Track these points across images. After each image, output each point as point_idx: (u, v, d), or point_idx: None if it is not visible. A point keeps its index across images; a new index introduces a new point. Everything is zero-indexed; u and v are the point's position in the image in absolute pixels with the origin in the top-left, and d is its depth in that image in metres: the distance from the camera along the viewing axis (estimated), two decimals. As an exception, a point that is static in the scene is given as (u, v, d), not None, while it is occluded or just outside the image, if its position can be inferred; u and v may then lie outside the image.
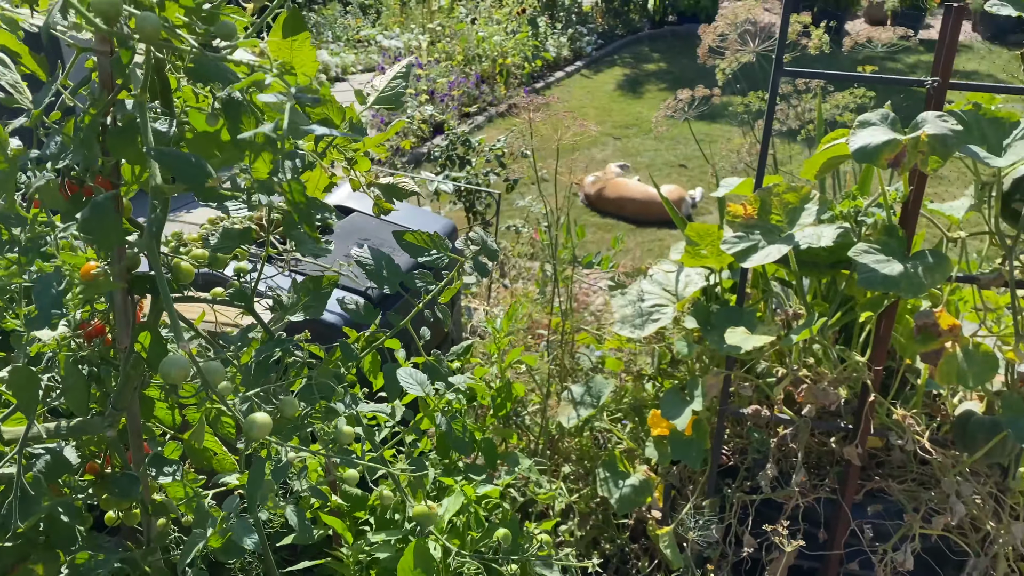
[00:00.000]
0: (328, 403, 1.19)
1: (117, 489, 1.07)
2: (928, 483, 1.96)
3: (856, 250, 1.70)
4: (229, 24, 0.88)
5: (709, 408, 2.12)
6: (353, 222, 2.60)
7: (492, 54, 8.49)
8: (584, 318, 2.86)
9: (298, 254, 1.38)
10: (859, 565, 1.94)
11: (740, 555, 1.98)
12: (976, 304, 1.93)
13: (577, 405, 2.18)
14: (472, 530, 1.66)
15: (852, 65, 6.64)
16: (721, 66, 3.05)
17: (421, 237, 1.40)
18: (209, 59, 0.82)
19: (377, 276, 1.31)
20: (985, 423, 1.76)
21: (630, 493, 2.07)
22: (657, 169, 6.46)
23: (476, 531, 1.66)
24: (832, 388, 1.86)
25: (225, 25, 0.87)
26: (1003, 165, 1.59)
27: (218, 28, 0.86)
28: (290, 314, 1.19)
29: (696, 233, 2.00)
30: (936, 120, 1.57)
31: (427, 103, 6.75)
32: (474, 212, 4.21)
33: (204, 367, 0.84)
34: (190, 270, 1.08)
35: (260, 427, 0.89)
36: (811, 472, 2.03)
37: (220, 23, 0.86)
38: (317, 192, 1.33)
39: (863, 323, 2.04)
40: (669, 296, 2.13)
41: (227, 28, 0.87)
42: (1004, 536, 1.86)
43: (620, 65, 10.15)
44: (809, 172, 1.81)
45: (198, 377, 0.85)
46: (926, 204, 1.90)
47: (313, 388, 1.16)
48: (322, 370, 1.21)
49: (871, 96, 2.69)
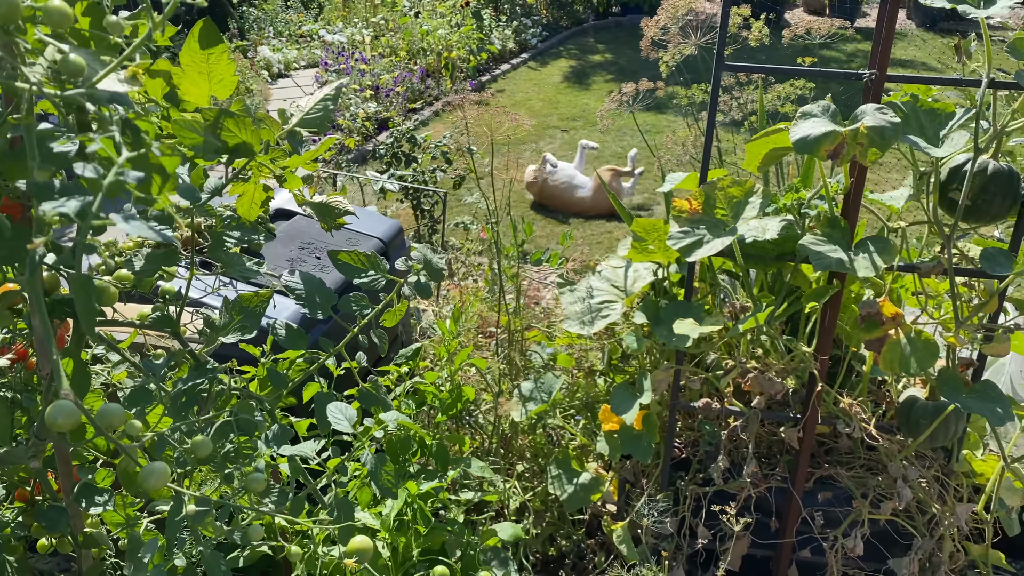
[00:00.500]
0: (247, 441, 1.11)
1: (45, 521, 1.01)
2: (875, 468, 1.99)
3: (804, 241, 1.71)
4: (73, 63, 0.78)
5: (660, 402, 2.12)
6: (296, 226, 2.54)
7: (437, 48, 8.41)
8: (535, 315, 2.85)
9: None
10: (811, 552, 1.96)
11: (695, 547, 1.99)
12: (917, 291, 1.97)
13: (527, 400, 2.17)
14: (419, 525, 1.64)
15: (793, 55, 6.74)
16: (664, 59, 3.05)
17: (357, 257, 1.34)
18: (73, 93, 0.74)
19: (308, 302, 1.25)
20: (928, 408, 1.79)
21: (579, 491, 2.07)
22: (605, 161, 6.48)
23: (422, 526, 1.65)
24: (779, 378, 1.88)
25: (69, 63, 0.77)
26: (941, 155, 1.62)
27: (63, 65, 0.76)
28: (222, 335, 1.14)
29: (643, 228, 2.00)
30: (875, 112, 1.59)
31: (371, 99, 6.66)
32: (421, 210, 4.16)
33: (100, 412, 0.79)
34: (114, 293, 1.02)
35: (158, 477, 0.84)
36: (762, 462, 2.05)
37: (64, 60, 0.76)
38: (254, 207, 1.28)
39: (809, 314, 2.06)
40: (618, 292, 2.12)
41: (72, 66, 0.77)
42: (949, 517, 1.90)
43: (566, 57, 10.15)
44: (751, 164, 1.81)
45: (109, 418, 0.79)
46: (867, 195, 1.93)
47: (232, 425, 1.09)
48: (242, 405, 1.14)
49: (811, 87, 2.72)
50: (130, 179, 0.68)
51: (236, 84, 0.97)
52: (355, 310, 1.28)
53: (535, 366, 2.52)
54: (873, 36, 1.68)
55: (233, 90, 0.97)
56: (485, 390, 2.51)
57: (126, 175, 0.67)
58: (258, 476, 1.06)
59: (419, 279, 1.34)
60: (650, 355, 2.27)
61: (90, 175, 0.68)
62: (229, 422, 1.08)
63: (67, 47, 0.75)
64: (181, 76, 0.94)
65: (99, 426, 0.79)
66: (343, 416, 1.33)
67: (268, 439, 1.14)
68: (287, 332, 1.24)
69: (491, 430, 2.42)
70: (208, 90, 0.96)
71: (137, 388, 1.02)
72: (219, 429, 1.07)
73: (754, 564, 2.04)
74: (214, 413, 1.10)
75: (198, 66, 0.93)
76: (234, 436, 1.09)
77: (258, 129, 0.96)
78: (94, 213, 0.66)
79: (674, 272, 2.19)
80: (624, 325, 2.31)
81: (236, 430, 1.08)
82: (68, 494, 1.05)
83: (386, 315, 1.35)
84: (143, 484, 0.83)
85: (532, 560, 2.14)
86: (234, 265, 1.07)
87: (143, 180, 0.68)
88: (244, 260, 1.08)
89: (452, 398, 2.02)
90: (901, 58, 9.33)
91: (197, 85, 0.95)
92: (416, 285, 1.34)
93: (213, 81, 0.95)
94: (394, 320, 1.37)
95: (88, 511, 1.02)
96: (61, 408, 0.73)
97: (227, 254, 1.06)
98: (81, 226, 0.70)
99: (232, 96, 0.98)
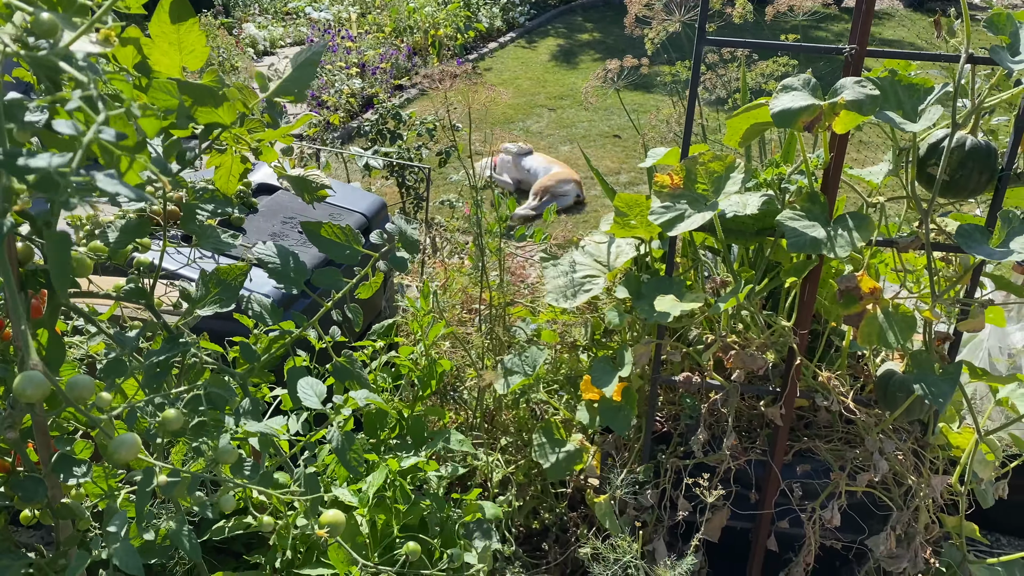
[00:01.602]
0: (218, 414, 1.11)
1: (21, 492, 1.02)
2: (853, 442, 2.02)
3: (782, 217, 1.72)
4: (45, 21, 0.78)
5: (642, 376, 2.14)
6: (279, 200, 2.53)
7: (424, 25, 8.35)
8: (520, 291, 2.85)
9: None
10: (789, 523, 1.99)
11: (675, 519, 2.01)
12: (896, 266, 1.98)
13: (511, 374, 2.18)
14: (399, 503, 1.66)
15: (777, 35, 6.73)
16: (649, 36, 3.04)
17: (333, 230, 1.33)
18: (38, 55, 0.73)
19: (282, 275, 1.24)
20: (905, 382, 1.81)
21: (563, 459, 2.09)
22: (592, 140, 6.47)
23: (403, 504, 1.66)
24: (759, 353, 1.89)
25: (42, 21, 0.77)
26: (918, 130, 1.63)
27: (36, 24, 0.76)
28: (199, 308, 1.13)
29: (625, 203, 2.00)
30: (854, 86, 1.60)
31: (357, 76, 6.61)
32: (406, 187, 4.15)
33: (70, 383, 0.79)
34: (88, 264, 1.02)
35: (128, 448, 0.84)
36: (742, 435, 2.07)
37: (37, 19, 0.76)
38: (232, 180, 1.27)
39: (789, 288, 2.07)
40: (600, 267, 2.13)
41: (44, 25, 0.77)
42: (925, 489, 1.94)
43: (554, 36, 10.09)
44: (732, 139, 1.82)
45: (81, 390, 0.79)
46: (847, 170, 1.94)
47: (202, 399, 1.09)
48: (214, 378, 1.14)
49: (794, 64, 2.73)
50: (109, 137, 0.67)
51: (208, 55, 0.96)
52: (328, 284, 1.27)
53: (519, 341, 2.53)
54: (853, 11, 1.68)
55: (205, 61, 0.96)
56: (469, 366, 2.52)
57: (105, 132, 0.67)
58: (229, 449, 1.06)
59: (395, 252, 1.34)
60: (632, 330, 2.28)
61: (68, 131, 0.68)
62: (199, 395, 1.08)
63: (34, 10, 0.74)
64: (151, 46, 0.93)
65: (68, 398, 0.79)
66: (312, 392, 1.33)
67: (238, 414, 1.14)
68: (260, 307, 1.24)
69: (474, 405, 2.44)
70: (179, 61, 0.95)
71: (112, 360, 1.02)
72: (190, 402, 1.07)
73: (733, 536, 2.07)
74: (186, 386, 1.10)
75: (168, 36, 0.92)
76: (206, 408, 1.10)
77: (231, 102, 0.95)
78: (73, 169, 0.66)
79: (656, 248, 2.20)
80: (607, 300, 2.33)
81: (207, 403, 1.08)
82: (46, 465, 1.06)
83: (361, 288, 1.34)
84: (113, 456, 0.83)
85: (515, 533, 2.17)
86: (207, 237, 1.06)
87: (123, 137, 0.67)
88: (218, 232, 1.08)
89: (427, 373, 2.03)
90: (888, 38, 9.33)
91: (168, 56, 0.94)
92: (392, 258, 1.33)
93: (184, 52, 0.94)
94: (368, 292, 1.36)
95: (66, 482, 1.02)
96: (30, 379, 0.73)
97: (201, 226, 1.05)
98: (61, 183, 0.69)
99: (204, 67, 0.97)
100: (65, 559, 1.05)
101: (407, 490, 1.68)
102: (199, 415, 1.09)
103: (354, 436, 1.41)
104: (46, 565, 1.05)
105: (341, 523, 1.20)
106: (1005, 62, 1.57)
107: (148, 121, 0.79)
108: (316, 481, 1.26)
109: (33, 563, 1.04)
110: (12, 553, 1.02)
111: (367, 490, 1.60)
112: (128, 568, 0.92)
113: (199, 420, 1.09)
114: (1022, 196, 1.88)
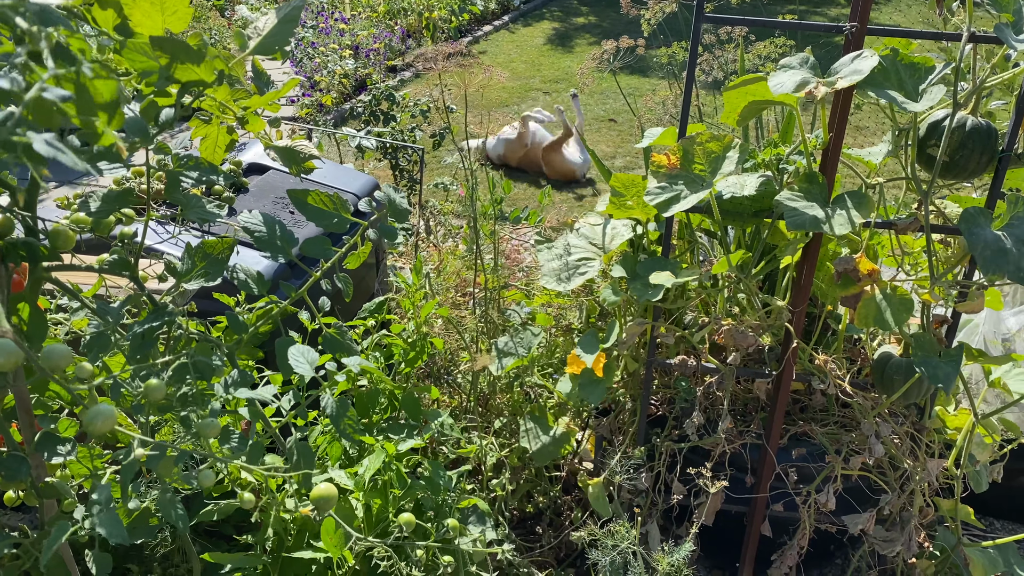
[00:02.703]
0: (205, 385, 1.09)
1: (3, 471, 0.99)
2: (849, 425, 2.01)
3: (780, 197, 1.70)
4: None
5: (637, 359, 2.12)
6: (270, 180, 2.49)
7: (417, 7, 8.27)
8: (515, 274, 2.83)
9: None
10: (784, 507, 1.98)
11: (669, 502, 2.00)
12: (893, 248, 1.97)
13: (505, 355, 2.15)
14: (394, 487, 1.64)
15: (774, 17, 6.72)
16: (646, 16, 3.01)
17: (322, 198, 1.30)
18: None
19: (267, 245, 1.20)
20: (902, 365, 1.80)
21: (550, 444, 2.07)
22: (588, 124, 6.43)
23: (399, 488, 1.64)
24: (754, 334, 1.88)
25: None
26: (919, 109, 1.61)
27: None
28: (184, 281, 1.10)
29: (622, 184, 1.98)
30: (851, 63, 1.58)
31: (350, 58, 6.54)
32: (400, 169, 4.11)
33: (45, 351, 0.76)
34: (71, 236, 0.99)
35: (105, 419, 0.81)
36: (737, 419, 2.06)
37: None
38: (218, 151, 1.24)
39: (785, 270, 2.06)
40: (596, 249, 2.11)
41: None
42: (920, 473, 1.93)
43: (549, 19, 10.02)
44: (730, 117, 1.79)
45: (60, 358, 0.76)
46: (845, 151, 1.91)
47: (189, 367, 1.06)
48: (200, 348, 1.11)
49: (791, 44, 2.70)
50: (54, 96, 0.64)
51: (191, 16, 0.93)
52: (315, 253, 1.23)
53: (513, 324, 2.51)
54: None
55: (188, 22, 0.93)
56: (463, 349, 2.50)
57: (50, 91, 0.63)
58: (211, 422, 1.03)
59: (385, 223, 1.31)
60: (628, 312, 2.26)
61: (4, 85, 0.63)
62: (186, 364, 1.05)
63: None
64: (132, 7, 0.90)
65: (43, 368, 0.76)
66: (304, 359, 1.28)
67: (227, 384, 1.12)
68: (247, 276, 1.20)
69: (468, 388, 2.42)
70: (162, 22, 0.92)
71: (96, 334, 1.00)
72: (176, 372, 1.05)
73: (728, 519, 2.06)
74: (171, 357, 1.07)
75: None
76: (192, 380, 1.07)
77: (210, 60, 0.92)
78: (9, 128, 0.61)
79: (652, 230, 2.18)
80: (602, 282, 2.30)
81: (193, 373, 1.06)
82: (29, 444, 1.03)
83: (350, 258, 1.31)
84: (88, 427, 0.81)
85: (509, 516, 2.15)
86: (192, 207, 1.03)
87: (68, 99, 0.64)
88: (204, 201, 1.05)
89: (416, 349, 2.00)
90: (884, 23, 9.29)
91: (149, 16, 0.91)
92: (381, 227, 1.30)
93: (167, 13, 0.91)
94: (357, 262, 1.33)
95: (50, 461, 1.00)
96: (1, 347, 0.70)
97: (185, 196, 1.02)
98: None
99: (187, 30, 0.94)
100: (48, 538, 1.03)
101: (403, 474, 1.66)
102: (186, 384, 1.06)
103: (348, 402, 1.39)
104: (31, 545, 1.03)
105: (333, 497, 1.17)
106: (1010, 40, 1.54)
107: (104, 83, 0.75)
108: (309, 449, 1.23)
109: (19, 543, 1.02)
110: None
111: (363, 474, 1.58)
112: (112, 536, 0.89)
113: (184, 391, 1.06)
114: (1021, 176, 1.86)
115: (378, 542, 1.34)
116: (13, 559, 1.13)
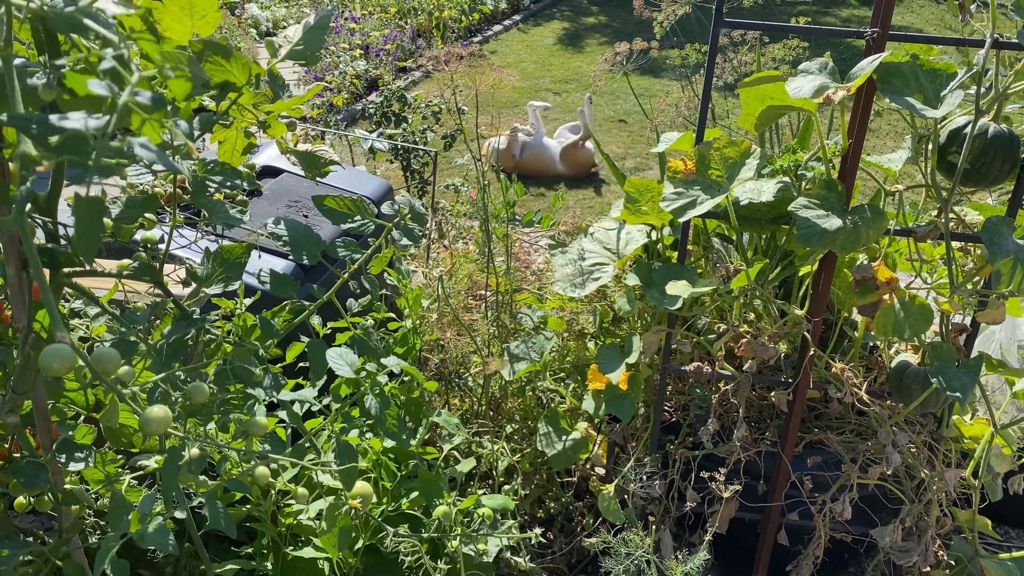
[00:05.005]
0: (245, 388, 1.09)
1: (23, 478, 0.99)
2: (865, 434, 1.99)
3: (795, 205, 1.68)
4: None
5: (651, 366, 2.10)
6: (283, 183, 2.49)
7: (428, 7, 8.27)
8: (526, 277, 2.82)
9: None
10: (799, 516, 1.97)
11: (682, 510, 1.99)
12: (911, 255, 1.95)
13: (517, 360, 2.15)
14: (385, 481, 1.66)
15: (786, 19, 6.68)
16: (659, 18, 2.99)
17: (344, 203, 1.30)
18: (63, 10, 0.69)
19: (296, 247, 1.20)
20: (920, 374, 1.78)
21: (569, 448, 2.06)
22: (598, 125, 6.41)
23: (388, 482, 1.66)
24: (770, 342, 1.86)
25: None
26: (938, 116, 1.59)
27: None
28: (205, 286, 1.10)
29: (636, 189, 1.97)
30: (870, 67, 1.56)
31: (361, 58, 6.54)
32: (411, 171, 4.10)
33: (95, 355, 0.76)
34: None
35: (157, 422, 0.82)
36: (752, 426, 2.05)
37: None
38: (236, 154, 1.23)
39: (802, 278, 2.04)
40: (610, 254, 2.10)
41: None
42: (937, 483, 1.91)
43: (559, 18, 10.01)
44: (747, 122, 1.78)
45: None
46: (864, 157, 1.90)
47: (228, 372, 1.07)
48: (238, 352, 1.11)
49: (804, 46, 2.69)
50: (145, 99, 0.64)
51: (220, 20, 0.92)
52: (344, 255, 1.23)
53: (525, 328, 2.50)
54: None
55: (216, 27, 0.93)
56: (475, 352, 2.50)
57: (141, 95, 0.63)
58: (259, 421, 1.06)
59: (406, 224, 1.31)
60: (641, 319, 2.25)
61: (103, 91, 0.64)
62: (226, 369, 1.06)
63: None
64: (162, 11, 0.89)
65: (95, 370, 0.76)
66: (344, 361, 1.31)
67: (262, 388, 1.12)
68: (273, 278, 1.20)
69: (480, 392, 2.41)
70: (191, 27, 0.92)
71: (121, 340, 0.99)
72: (217, 376, 1.06)
73: (742, 527, 2.04)
74: (205, 362, 1.09)
75: (179, 0, 0.88)
76: (229, 385, 1.08)
77: (246, 64, 0.92)
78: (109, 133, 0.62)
79: (667, 235, 2.17)
80: (616, 288, 2.29)
81: (232, 378, 1.07)
82: (47, 450, 1.03)
83: (373, 261, 1.32)
84: (144, 429, 0.81)
85: (520, 522, 2.14)
86: (217, 212, 1.03)
87: (158, 100, 0.64)
88: (227, 207, 1.04)
89: (410, 338, 2.00)
90: (896, 23, 9.24)
91: (179, 21, 0.91)
92: (403, 228, 1.30)
93: (196, 17, 0.91)
94: (381, 266, 1.34)
95: (68, 467, 0.99)
96: (56, 352, 0.70)
97: (210, 201, 1.02)
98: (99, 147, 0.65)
99: (215, 34, 0.93)
100: (67, 546, 1.02)
101: (392, 468, 1.67)
102: (225, 391, 1.08)
103: (390, 400, 1.41)
104: (48, 552, 1.02)
105: (369, 494, 1.22)
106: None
107: (178, 83, 0.75)
108: (352, 449, 1.26)
109: (35, 550, 1.01)
110: (12, 540, 0.99)
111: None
112: (161, 547, 0.91)
113: (227, 395, 1.08)
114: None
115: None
116: (25, 563, 1.12)
